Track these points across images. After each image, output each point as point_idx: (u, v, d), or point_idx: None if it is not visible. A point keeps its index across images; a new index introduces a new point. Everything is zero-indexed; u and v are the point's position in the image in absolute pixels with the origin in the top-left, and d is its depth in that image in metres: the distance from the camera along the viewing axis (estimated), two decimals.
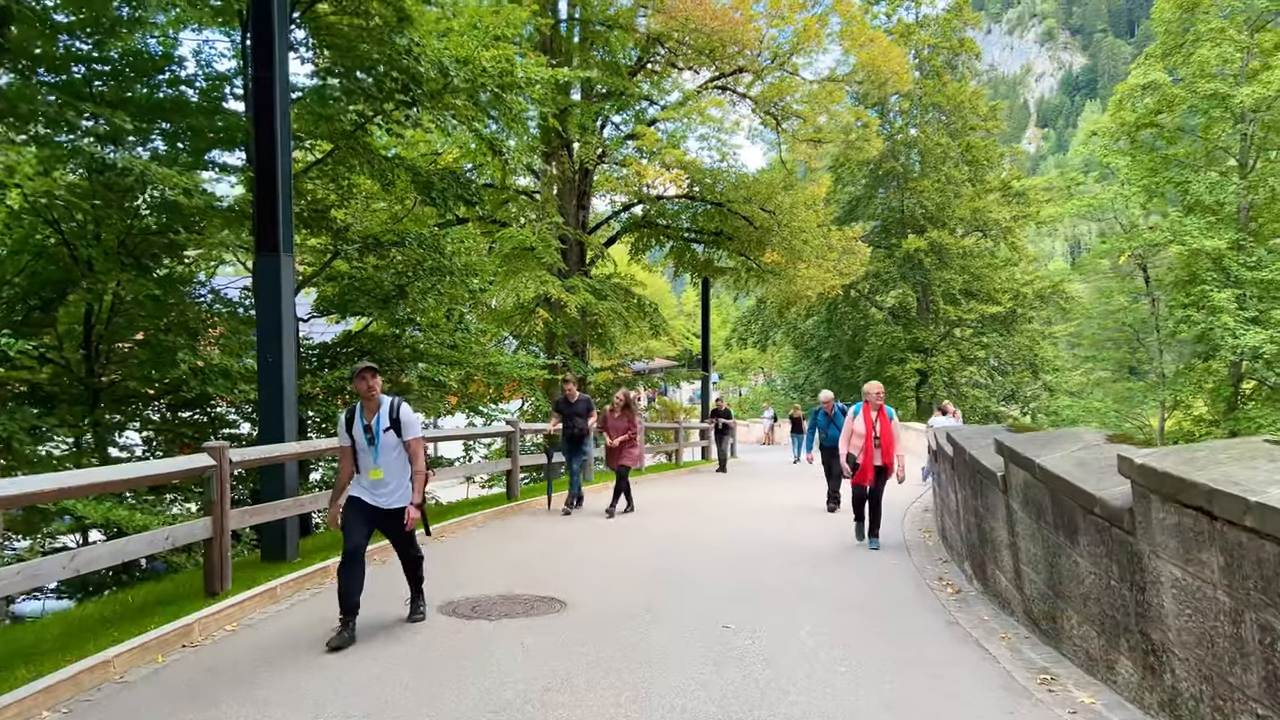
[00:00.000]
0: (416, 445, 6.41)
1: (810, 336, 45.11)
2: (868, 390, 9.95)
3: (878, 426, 9.62)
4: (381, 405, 6.35)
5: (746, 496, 16.05)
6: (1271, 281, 25.34)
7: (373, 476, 6.32)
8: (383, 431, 6.28)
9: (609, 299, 19.98)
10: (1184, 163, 28.63)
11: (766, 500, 15.23)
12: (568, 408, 13.16)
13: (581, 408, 13.14)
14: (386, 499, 6.38)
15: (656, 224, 24.21)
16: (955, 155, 39.42)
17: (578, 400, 13.24)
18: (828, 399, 13.75)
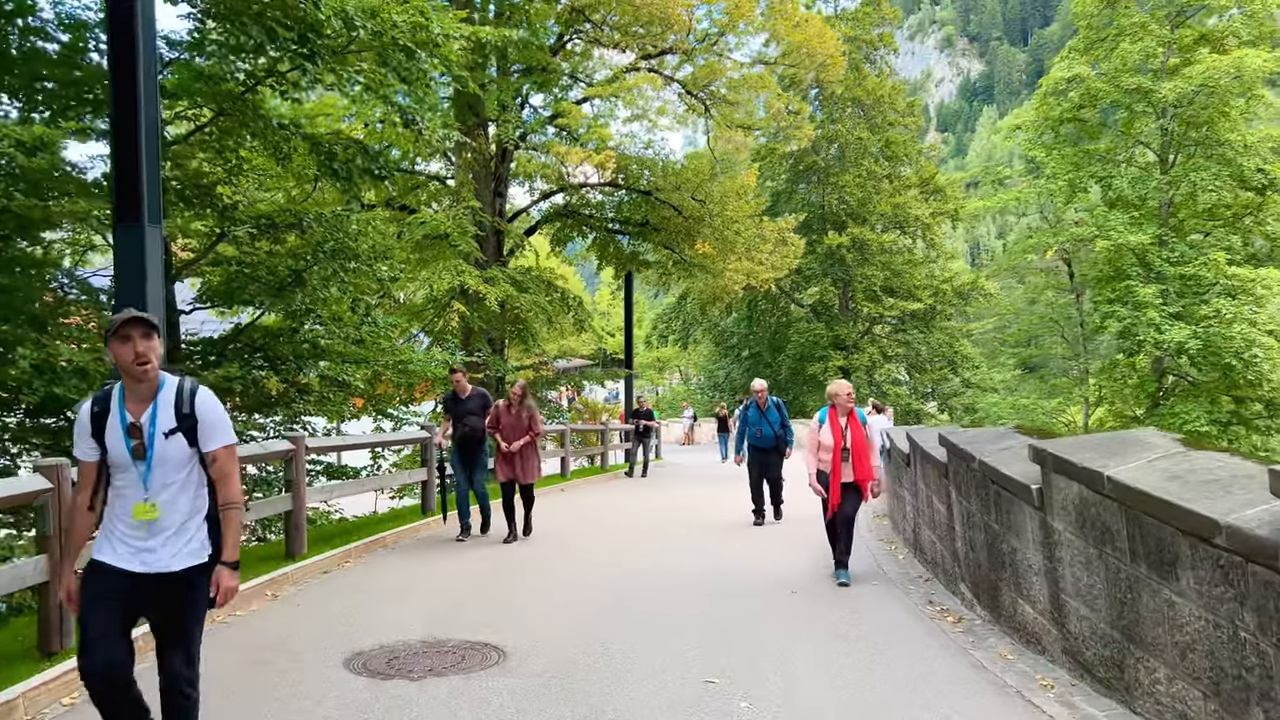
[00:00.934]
0: (227, 460, 3.66)
1: (730, 334, 44.36)
2: (835, 392, 8.18)
3: (848, 435, 7.91)
4: (162, 390, 3.58)
5: (680, 506, 14.79)
6: (1194, 277, 25.49)
7: (138, 516, 3.50)
8: (163, 435, 3.51)
9: (531, 292, 18.53)
10: (1106, 158, 28.74)
11: (703, 511, 13.91)
12: (458, 406, 10.76)
13: (475, 405, 10.75)
14: (160, 556, 3.51)
15: (579, 214, 22.85)
16: (875, 150, 39.14)
17: (470, 395, 10.81)
18: (761, 389, 12.10)
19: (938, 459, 7.82)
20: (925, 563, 8.83)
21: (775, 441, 11.92)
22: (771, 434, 11.87)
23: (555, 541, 10.69)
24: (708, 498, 15.91)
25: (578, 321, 21.14)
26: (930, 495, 8.38)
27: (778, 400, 12.22)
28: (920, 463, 8.78)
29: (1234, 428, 24.63)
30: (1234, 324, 24.04)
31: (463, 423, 10.66)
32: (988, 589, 6.56)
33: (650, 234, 22.84)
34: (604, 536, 11.19)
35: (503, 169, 21.67)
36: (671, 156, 21.77)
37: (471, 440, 10.67)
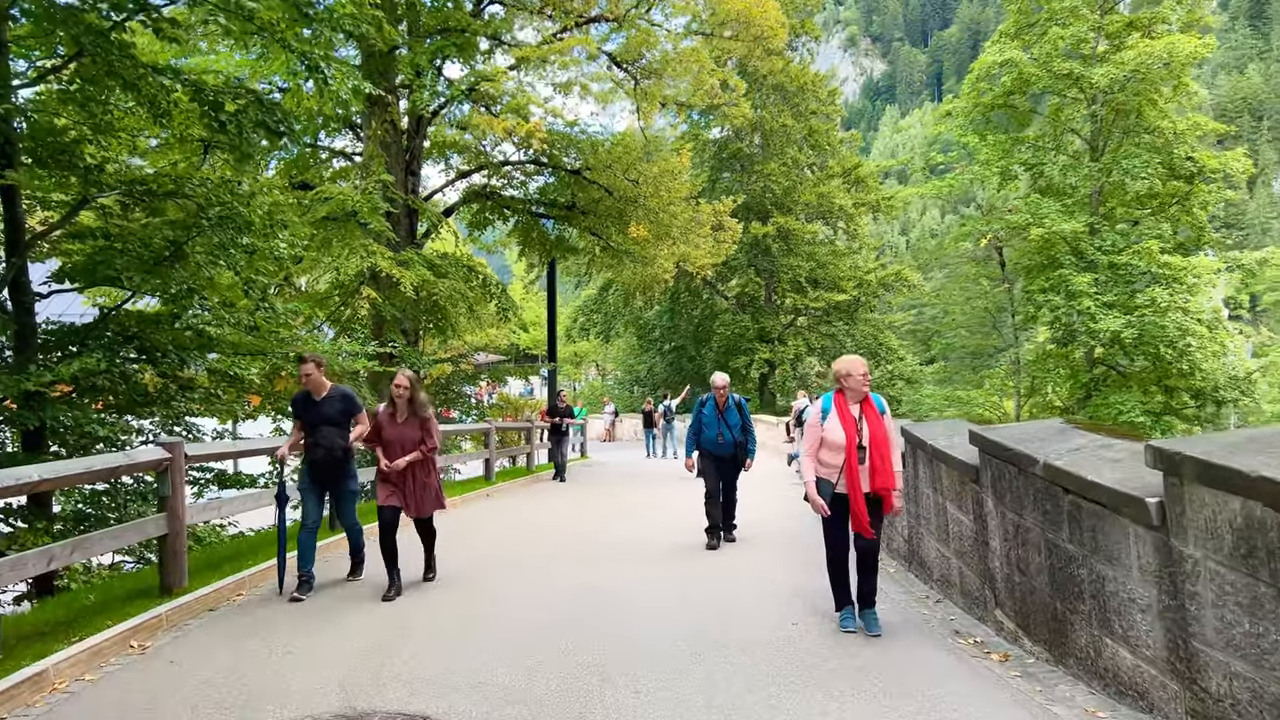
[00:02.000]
0: None
1: (653, 327, 43.11)
2: (846, 370, 6.04)
3: (864, 430, 5.92)
4: None
5: (618, 515, 13.29)
6: (1126, 265, 25.29)
7: None
8: None
9: (450, 277, 16.83)
10: (1036, 145, 28.46)
11: (645, 519, 12.30)
12: (310, 411, 7.52)
13: (335, 410, 7.47)
14: None
15: (500, 195, 21.17)
16: (799, 138, 38.37)
17: (329, 397, 7.53)
18: (722, 385, 9.95)
19: (961, 460, 6.58)
20: (930, 581, 7.63)
21: (735, 449, 9.84)
22: (731, 440, 9.80)
23: (480, 572, 8.43)
24: (645, 502, 14.54)
25: (501, 310, 19.48)
26: (943, 503, 7.15)
27: (740, 398, 10.04)
28: (928, 464, 7.55)
29: (1166, 418, 24.56)
30: (1169, 312, 23.91)
31: (316, 436, 7.42)
32: (1047, 622, 5.33)
33: (577, 218, 21.32)
34: (539, 562, 9.03)
35: (416, 144, 19.87)
36: (600, 135, 20.25)
37: (329, 465, 7.47)
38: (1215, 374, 24.70)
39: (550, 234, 22.39)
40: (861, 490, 5.95)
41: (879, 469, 5.94)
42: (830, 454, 6.07)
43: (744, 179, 38.79)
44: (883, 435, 5.99)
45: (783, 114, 37.62)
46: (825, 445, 6.09)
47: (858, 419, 6.04)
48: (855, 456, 5.94)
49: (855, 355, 6.40)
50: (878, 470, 5.94)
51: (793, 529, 11.15)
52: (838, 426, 6.03)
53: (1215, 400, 25.59)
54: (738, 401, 10.03)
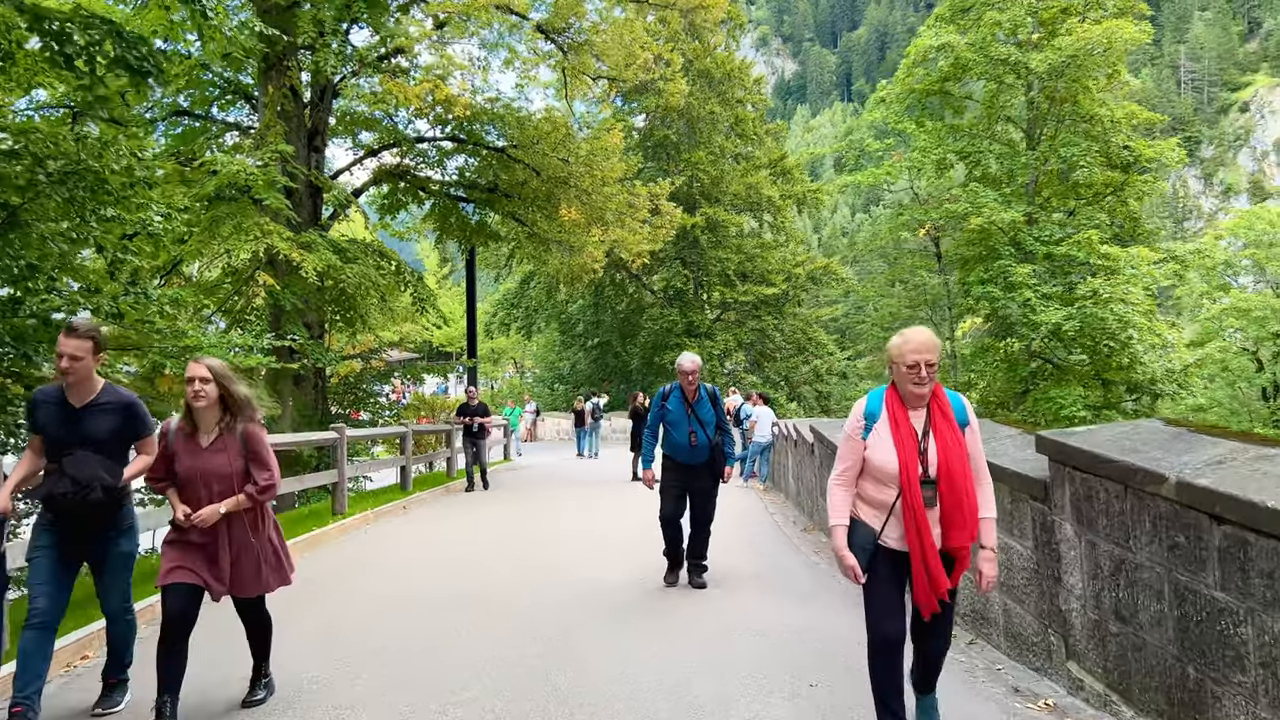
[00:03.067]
0: None
1: (576, 321, 41.48)
2: (908, 347, 3.79)
3: (930, 449, 3.74)
4: None
5: (549, 533, 11.65)
6: (1064, 256, 24.83)
7: None
8: None
9: (359, 262, 14.98)
10: (971, 133, 27.89)
11: (586, 542, 10.55)
12: (62, 421, 4.51)
13: (104, 425, 4.55)
14: None
15: (414, 175, 19.33)
16: (726, 127, 37.28)
17: (99, 401, 4.57)
18: (692, 368, 7.61)
19: (1015, 473, 5.27)
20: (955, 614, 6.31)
21: (711, 455, 7.59)
22: (706, 443, 7.53)
23: (356, 669, 5.33)
24: (583, 517, 12.95)
25: (418, 300, 17.65)
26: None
27: (712, 388, 7.83)
28: None
29: (1106, 412, 24.18)
30: (1111, 304, 23.50)
31: (65, 464, 4.44)
32: (1168, 689, 4.03)
33: (500, 202, 19.61)
34: (453, 626, 6.33)
35: (321, 117, 17.93)
36: (528, 109, 18.59)
37: (84, 515, 4.50)
38: (1153, 367, 24.46)
39: (470, 219, 20.62)
40: (933, 546, 3.72)
41: (955, 515, 3.73)
42: (875, 487, 3.86)
43: (670, 168, 37.49)
44: (963, 464, 3.77)
45: (709, 101, 36.43)
46: (869, 471, 3.88)
47: (920, 434, 3.80)
48: (919, 494, 3.70)
49: (916, 327, 4.02)
50: (953, 517, 3.73)
51: (765, 558, 9.78)
52: (886, 442, 3.81)
53: (1152, 394, 25.40)
54: (711, 392, 7.76)
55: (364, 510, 12.44)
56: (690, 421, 7.58)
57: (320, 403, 17.87)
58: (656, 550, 8.16)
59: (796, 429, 14.13)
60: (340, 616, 6.82)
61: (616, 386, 41.22)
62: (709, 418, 7.64)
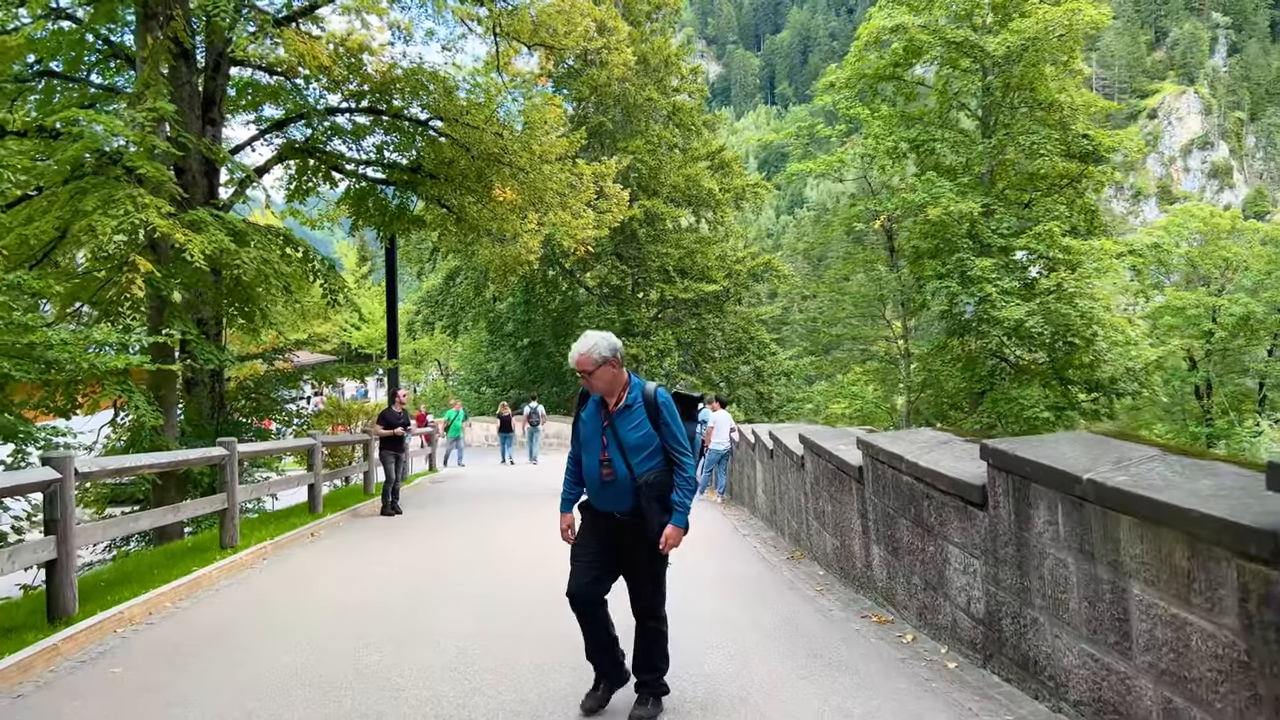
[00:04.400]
0: None
1: (505, 320, 39.25)
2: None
3: None
4: None
5: (486, 580, 9.81)
6: (1025, 249, 23.70)
7: None
8: None
9: (257, 246, 12.76)
10: (925, 121, 26.66)
11: (533, 598, 8.65)
12: None
13: None
14: None
15: (324, 151, 17.10)
16: (663, 115, 35.57)
17: None
18: (594, 356, 4.51)
19: (1211, 517, 3.57)
20: (1054, 696, 4.61)
21: (637, 499, 4.52)
22: (628, 481, 4.54)
23: None
24: (530, 537, 11.03)
25: (329, 293, 15.42)
26: (1123, 585, 4.13)
27: (655, 391, 4.67)
28: (1073, 510, 4.49)
29: (1068, 413, 23.17)
30: (1076, 299, 22.46)
31: None
32: None
33: (424, 184, 17.48)
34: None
35: (217, 84, 15.60)
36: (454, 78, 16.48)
37: None
38: (1115, 365, 23.53)
39: (389, 203, 18.42)
40: None
41: None
42: None
43: (607, 157, 35.56)
44: None
45: (646, 87, 34.61)
46: None
47: None
48: None
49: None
50: None
51: (766, 607, 8.00)
52: None
53: (1114, 393, 24.51)
54: (652, 398, 4.62)
55: (262, 540, 10.29)
56: (605, 444, 4.58)
57: (217, 411, 15.56)
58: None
59: (766, 435, 12.44)
60: (204, 713, 4.80)
61: (549, 389, 39.17)
62: (639, 439, 4.52)
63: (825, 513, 8.58)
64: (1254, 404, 40.14)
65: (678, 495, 4.55)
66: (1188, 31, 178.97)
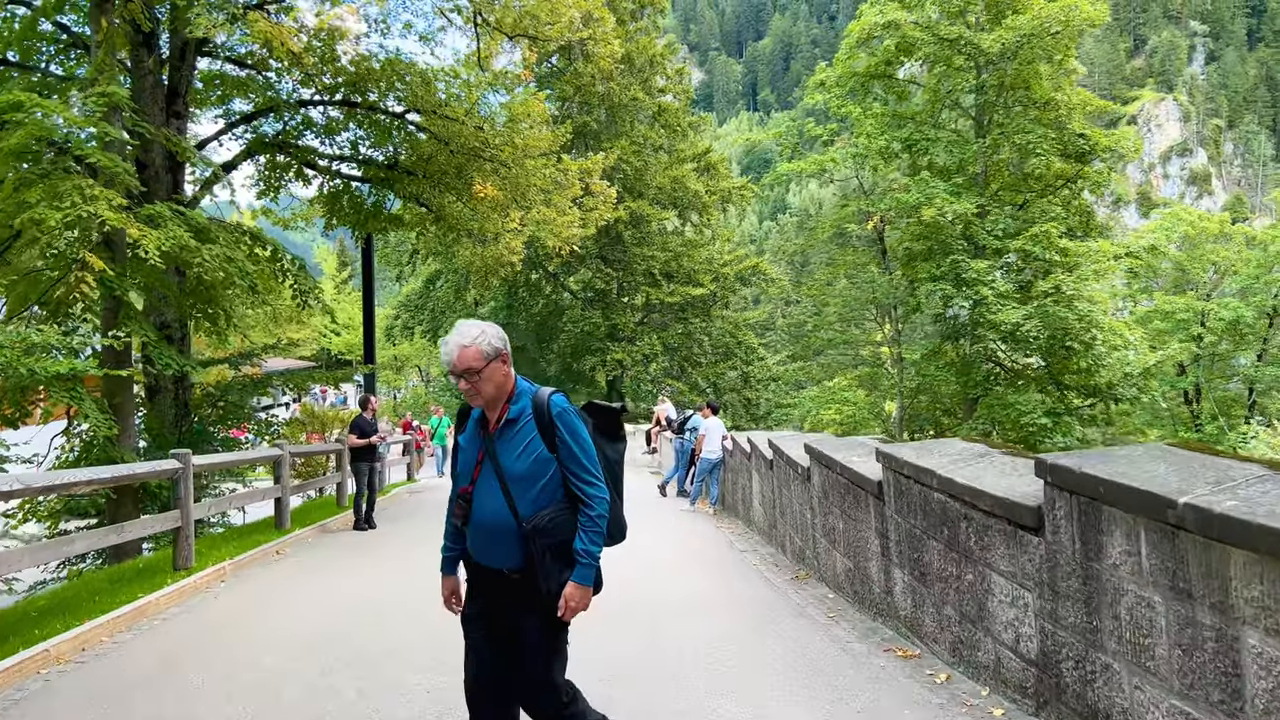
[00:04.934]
0: None
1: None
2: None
3: None
4: None
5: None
6: (1020, 251, 23.10)
7: None
8: None
9: (221, 243, 11.94)
10: (917, 120, 26.04)
11: None
12: None
13: None
14: None
15: (296, 146, 16.28)
16: (648, 116, 34.88)
17: None
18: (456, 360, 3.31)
19: None
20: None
21: (527, 547, 3.27)
22: (512, 526, 3.30)
23: None
24: None
25: (300, 294, 14.58)
26: (1235, 630, 3.43)
27: (556, 402, 3.37)
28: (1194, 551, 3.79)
29: (1065, 419, 22.59)
30: (1075, 302, 21.88)
31: None
32: None
33: (401, 181, 16.68)
34: None
35: (183, 76, 14.80)
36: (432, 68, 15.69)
37: None
38: (1114, 370, 22.95)
39: (365, 201, 17.61)
40: None
41: None
42: None
43: (592, 153, 34.84)
44: None
45: (631, 87, 33.90)
46: None
47: None
48: None
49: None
50: None
51: (779, 638, 7.27)
52: None
53: (1112, 399, 23.94)
54: (544, 409, 3.35)
55: (220, 560, 9.47)
56: (483, 475, 3.41)
57: (182, 420, 14.70)
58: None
59: (765, 444, 11.72)
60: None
61: None
62: (528, 467, 3.31)
63: (836, 530, 7.86)
64: (1243, 409, 39.81)
65: (583, 541, 3.27)
66: (1166, 39, 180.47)
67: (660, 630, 6.75)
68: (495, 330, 3.40)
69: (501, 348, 3.35)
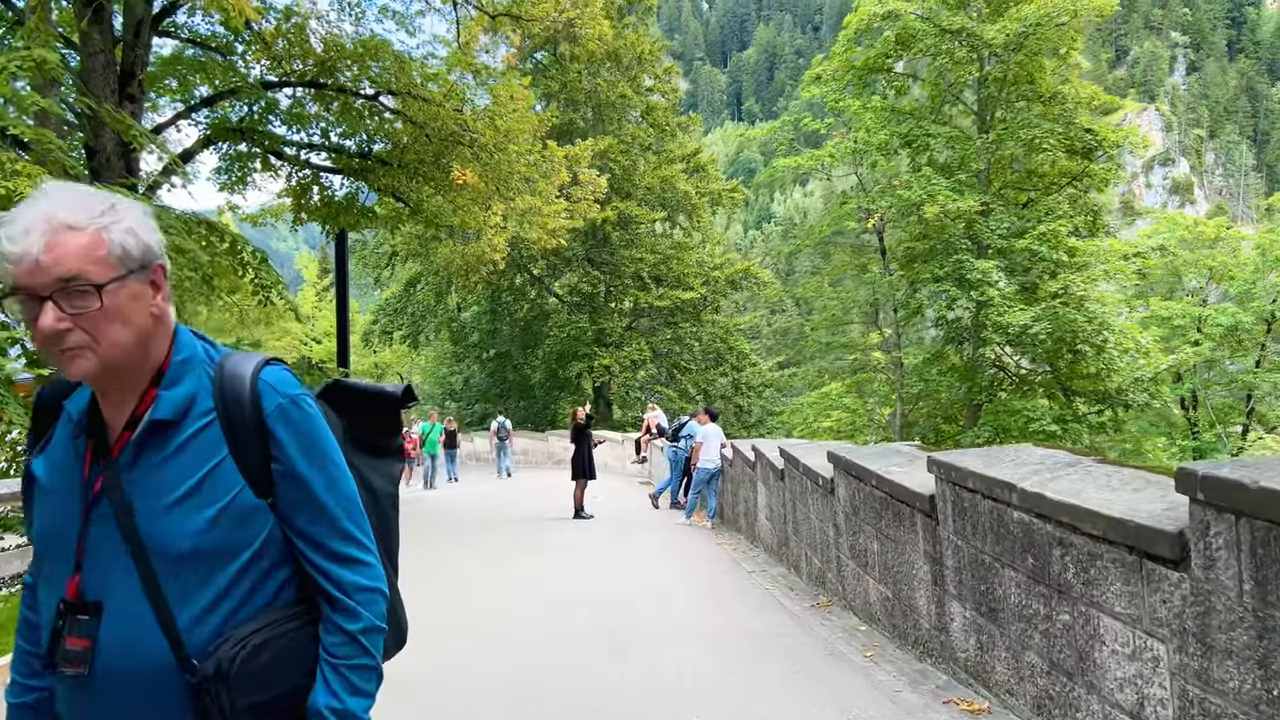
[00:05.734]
0: None
1: (470, 330, 37.13)
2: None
3: None
4: None
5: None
6: (1028, 251, 22.13)
7: None
8: None
9: (172, 232, 10.77)
10: (917, 116, 25.10)
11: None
12: None
13: None
14: None
15: (262, 132, 15.12)
16: (637, 115, 33.85)
17: None
18: None
19: None
20: None
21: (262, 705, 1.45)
22: (249, 631, 1.45)
23: None
24: (507, 600, 9.14)
25: (260, 289, 13.37)
26: None
27: (278, 380, 1.53)
28: None
29: (1074, 425, 21.62)
30: (1085, 303, 20.94)
31: None
32: None
33: (375, 172, 15.54)
34: None
35: (138, 56, 13.62)
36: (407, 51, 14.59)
37: None
38: (1124, 375, 21.99)
39: (336, 194, 16.45)
40: None
41: None
42: None
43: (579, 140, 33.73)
44: None
45: (619, 84, 32.86)
46: None
47: None
48: None
49: None
50: None
51: (813, 683, 6.15)
52: None
53: (1122, 404, 22.99)
54: (244, 399, 1.48)
55: None
56: (97, 554, 1.44)
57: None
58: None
59: (774, 452, 10.64)
60: None
61: (515, 403, 37.12)
62: (205, 538, 1.43)
63: (869, 552, 6.77)
64: (1241, 416, 39.05)
65: (334, 689, 1.51)
66: (1148, 50, 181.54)
67: (665, 669, 5.65)
68: (140, 212, 1.49)
69: (154, 249, 1.49)
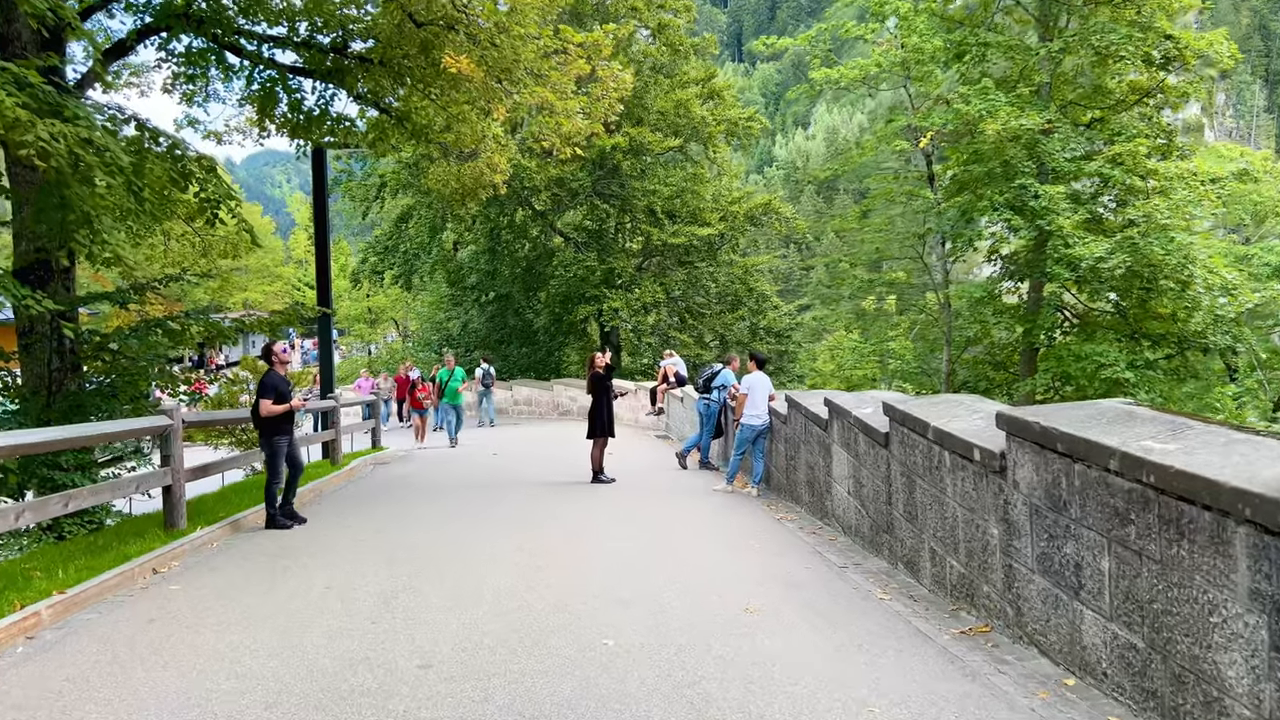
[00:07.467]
0: None
1: (468, 271, 34.53)
2: None
3: None
4: None
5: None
6: (1098, 175, 19.50)
7: None
8: None
9: (84, 121, 8.26)
10: (968, 24, 22.28)
11: None
12: None
13: None
14: None
15: (215, 19, 12.45)
16: (647, 33, 30.91)
17: None
18: None
19: None
20: None
21: None
22: None
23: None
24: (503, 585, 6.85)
25: (207, 204, 10.88)
26: None
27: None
28: None
29: (1148, 373, 19.19)
30: (1169, 233, 18.43)
31: None
32: None
33: (353, 73, 12.92)
34: None
35: None
36: None
37: None
38: (1206, 315, 19.50)
39: (306, 101, 13.83)
40: None
41: None
42: None
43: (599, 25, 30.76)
44: None
45: None
46: None
47: None
48: None
49: None
50: None
51: None
52: None
53: (1201, 348, 20.58)
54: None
55: (39, 599, 5.99)
56: None
57: (66, 375, 11.19)
58: None
59: (855, 405, 8.29)
60: None
61: (516, 349, 34.73)
62: None
63: (1081, 567, 4.43)
64: None
65: None
66: None
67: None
68: None
69: None
